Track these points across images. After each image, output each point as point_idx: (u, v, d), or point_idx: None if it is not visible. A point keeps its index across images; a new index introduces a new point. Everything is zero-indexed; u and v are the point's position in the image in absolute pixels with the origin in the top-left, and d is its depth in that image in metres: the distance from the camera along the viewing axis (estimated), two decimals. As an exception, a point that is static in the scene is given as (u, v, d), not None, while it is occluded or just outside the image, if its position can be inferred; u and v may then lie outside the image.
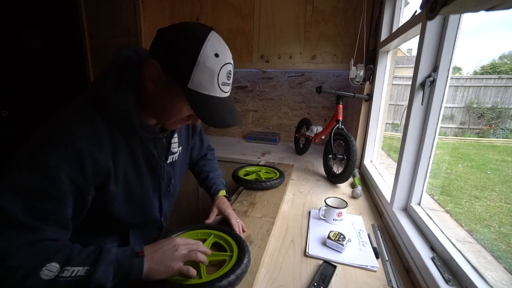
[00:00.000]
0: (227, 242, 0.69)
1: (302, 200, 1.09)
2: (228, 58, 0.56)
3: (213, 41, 0.53)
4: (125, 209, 0.66)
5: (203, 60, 0.51)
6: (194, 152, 0.97)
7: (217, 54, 0.53)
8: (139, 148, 0.64)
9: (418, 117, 0.81)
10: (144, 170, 0.67)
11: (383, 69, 1.31)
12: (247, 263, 0.59)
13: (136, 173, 0.65)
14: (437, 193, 1.78)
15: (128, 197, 0.65)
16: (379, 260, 0.72)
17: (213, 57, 0.52)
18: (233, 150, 1.86)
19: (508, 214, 1.43)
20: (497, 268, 1.01)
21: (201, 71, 0.52)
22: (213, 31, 0.55)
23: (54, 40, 2.36)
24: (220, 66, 0.53)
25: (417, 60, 0.79)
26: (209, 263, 0.62)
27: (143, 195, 0.69)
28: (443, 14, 0.30)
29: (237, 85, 2.17)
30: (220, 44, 0.55)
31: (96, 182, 0.56)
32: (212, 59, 0.52)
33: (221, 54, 0.54)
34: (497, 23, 1.36)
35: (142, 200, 0.70)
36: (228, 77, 0.57)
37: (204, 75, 0.53)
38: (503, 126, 2.01)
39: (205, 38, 0.52)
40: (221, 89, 0.56)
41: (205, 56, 0.51)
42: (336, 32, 1.57)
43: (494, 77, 2.08)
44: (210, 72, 0.53)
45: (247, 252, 0.63)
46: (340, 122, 1.30)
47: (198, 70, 0.52)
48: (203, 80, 0.53)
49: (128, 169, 0.63)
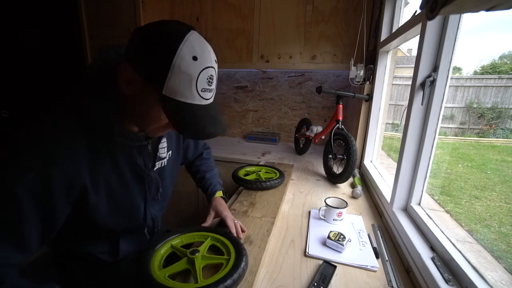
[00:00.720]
0: (225, 245, 0.68)
1: (302, 200, 1.09)
2: (208, 62, 0.50)
3: (191, 42, 0.47)
4: (111, 218, 0.63)
5: (178, 63, 0.46)
6: (189, 152, 0.95)
7: (195, 57, 0.47)
8: (123, 157, 0.60)
9: (418, 117, 0.81)
10: (129, 179, 0.63)
11: (383, 69, 1.31)
12: (244, 267, 0.58)
13: (121, 183, 0.62)
14: (437, 193, 1.78)
15: (113, 207, 0.62)
16: (379, 260, 0.72)
17: (191, 61, 0.47)
18: (233, 150, 1.86)
19: (508, 214, 1.43)
20: (497, 268, 1.01)
21: (177, 75, 0.47)
22: (193, 31, 0.50)
23: (54, 40, 2.36)
24: (198, 71, 0.48)
25: (417, 60, 0.79)
26: (206, 267, 0.62)
27: (130, 205, 0.66)
28: (443, 14, 0.30)
29: (237, 85, 2.17)
30: (200, 46, 0.49)
31: (70, 198, 0.52)
32: (189, 63, 0.47)
33: (200, 57, 0.48)
34: (497, 23, 1.36)
35: (129, 209, 0.67)
36: (209, 83, 0.51)
37: (181, 81, 0.47)
38: (503, 126, 2.01)
39: (181, 38, 0.47)
40: (200, 96, 0.50)
41: (181, 59, 0.46)
42: (336, 32, 1.57)
43: (494, 77, 2.07)
44: (187, 77, 0.47)
45: (244, 255, 0.61)
46: (340, 122, 1.30)
47: (174, 75, 0.46)
48: (179, 86, 0.47)
49: (112, 179, 0.59)
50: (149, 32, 0.49)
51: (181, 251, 0.66)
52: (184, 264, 0.61)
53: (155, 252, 0.65)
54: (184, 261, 0.62)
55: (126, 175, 0.62)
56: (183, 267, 0.61)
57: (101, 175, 0.56)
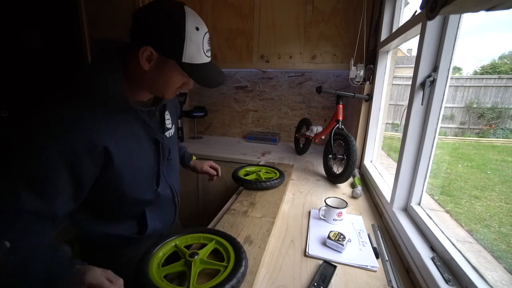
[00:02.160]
0: (227, 251, 0.65)
1: (302, 200, 1.09)
2: (204, 28, 0.64)
3: (191, 17, 0.60)
4: (133, 183, 0.70)
5: (189, 37, 0.60)
6: None
7: (197, 27, 0.61)
8: (137, 123, 0.70)
9: (418, 117, 0.81)
10: (145, 143, 0.72)
11: (383, 69, 1.31)
12: (239, 278, 0.56)
13: (138, 147, 0.70)
14: (437, 193, 1.78)
15: (133, 171, 0.69)
16: (379, 260, 0.72)
17: (195, 31, 0.61)
18: (233, 150, 1.86)
19: (508, 214, 1.43)
20: (497, 268, 1.01)
21: (189, 46, 0.61)
22: (185, 6, 0.61)
23: (54, 40, 2.36)
24: (202, 37, 0.62)
25: (417, 60, 0.79)
26: (202, 272, 0.61)
27: (148, 167, 0.74)
28: (443, 14, 0.30)
29: (237, 85, 2.17)
30: (196, 17, 0.62)
31: (96, 161, 0.60)
32: (195, 34, 0.61)
33: (200, 26, 0.62)
34: (497, 23, 1.36)
35: (148, 172, 0.75)
36: (209, 44, 0.66)
37: (193, 49, 0.61)
38: (503, 126, 2.01)
39: (183, 16, 0.59)
40: (206, 56, 0.65)
41: (189, 33, 0.60)
42: (336, 32, 1.57)
43: (494, 77, 2.07)
44: (197, 44, 0.62)
45: (242, 266, 0.59)
46: (340, 122, 1.30)
47: (187, 47, 0.60)
48: (193, 53, 0.62)
49: (130, 144, 0.67)
50: (152, 17, 0.59)
51: (183, 251, 0.65)
52: (181, 265, 0.61)
53: (157, 250, 0.65)
54: (181, 263, 0.61)
55: (142, 139, 0.71)
56: (180, 268, 0.60)
57: (120, 141, 0.65)
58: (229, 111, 2.26)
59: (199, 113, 2.12)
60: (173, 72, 0.64)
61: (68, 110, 0.57)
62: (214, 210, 1.00)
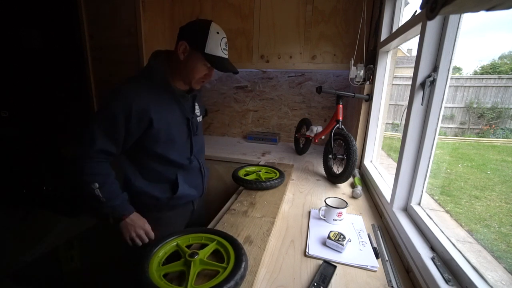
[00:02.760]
0: (227, 252, 0.65)
1: (302, 200, 1.09)
2: (223, 34, 0.90)
3: (214, 26, 0.88)
4: (168, 146, 0.94)
5: (211, 36, 0.86)
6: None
7: (218, 32, 0.88)
8: (175, 103, 0.94)
9: (418, 117, 0.81)
10: (179, 118, 0.96)
11: (383, 69, 1.31)
12: (237, 280, 0.55)
13: (173, 119, 0.93)
14: (437, 193, 1.78)
15: (168, 136, 0.93)
16: (379, 260, 0.72)
17: (216, 34, 0.87)
18: (233, 150, 1.86)
19: (508, 214, 1.43)
20: (497, 268, 1.01)
21: (211, 41, 0.86)
22: (212, 22, 0.89)
23: (54, 40, 2.36)
24: (220, 39, 0.88)
25: (417, 60, 0.79)
26: (201, 273, 0.61)
27: (180, 136, 0.97)
28: (443, 14, 0.30)
29: (237, 85, 2.17)
30: (218, 27, 0.89)
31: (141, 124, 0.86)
32: (215, 35, 0.87)
33: (220, 32, 0.89)
34: (497, 23, 1.35)
35: (179, 140, 0.97)
36: (226, 45, 0.91)
37: (213, 44, 0.87)
38: (503, 126, 2.01)
39: (209, 25, 0.87)
40: (223, 52, 0.90)
41: (211, 34, 0.86)
42: (336, 32, 1.57)
43: (494, 77, 2.07)
44: (216, 41, 0.87)
45: (241, 268, 0.58)
46: (340, 122, 1.30)
47: (209, 42, 0.86)
48: (212, 47, 0.87)
49: (168, 116, 0.91)
50: (192, 25, 0.89)
51: (184, 250, 0.65)
52: (181, 265, 0.61)
53: (159, 249, 0.65)
54: (181, 262, 0.61)
55: (177, 114, 0.95)
56: (179, 268, 0.60)
57: (161, 113, 0.89)
58: (229, 111, 2.26)
59: (199, 113, 2.12)
60: (198, 61, 0.88)
61: (131, 86, 0.86)
62: (214, 210, 1.00)
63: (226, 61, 0.92)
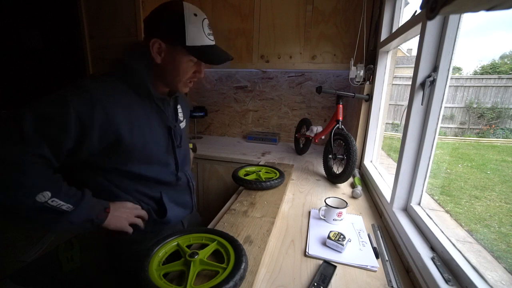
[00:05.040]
0: (227, 252, 0.65)
1: (302, 200, 1.09)
2: (202, 14, 0.71)
3: (188, 6, 0.68)
4: (145, 164, 0.76)
5: (188, 22, 0.67)
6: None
7: (195, 14, 0.68)
8: (152, 111, 0.76)
9: (418, 117, 0.81)
10: (158, 128, 0.77)
11: (383, 69, 1.31)
12: (236, 281, 0.55)
13: (151, 129, 0.75)
14: (437, 193, 1.78)
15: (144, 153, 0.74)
16: (379, 260, 0.72)
17: (194, 17, 0.68)
18: (233, 150, 1.86)
19: (508, 214, 1.43)
20: (497, 268, 1.01)
21: (190, 30, 0.67)
22: (184, 2, 0.69)
23: (54, 40, 2.36)
24: (201, 22, 0.69)
25: (417, 60, 0.79)
26: (201, 273, 0.61)
27: (159, 149, 0.78)
28: (443, 14, 0.30)
29: (237, 85, 2.17)
30: (193, 6, 0.70)
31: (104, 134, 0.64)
32: (193, 19, 0.68)
33: (197, 13, 0.69)
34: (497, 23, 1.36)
35: (160, 154, 0.79)
36: (209, 28, 0.72)
37: (194, 32, 0.68)
38: (503, 126, 2.01)
39: (182, 8, 0.67)
40: (209, 39, 0.71)
41: (188, 19, 0.67)
42: (336, 32, 1.57)
43: (494, 77, 2.07)
44: (196, 28, 0.68)
45: (241, 269, 0.58)
46: (340, 122, 1.30)
47: (188, 30, 0.67)
48: (195, 35, 0.68)
49: (144, 126, 0.72)
50: (157, 13, 0.69)
51: (184, 250, 0.65)
52: (181, 265, 0.61)
53: (160, 248, 0.65)
54: (181, 262, 0.61)
55: (155, 123, 0.77)
56: (179, 268, 0.60)
57: (135, 121, 0.70)
58: (229, 111, 2.26)
59: (199, 113, 2.12)
60: (181, 58, 0.70)
61: (102, 86, 0.66)
62: (214, 210, 0.99)
63: (215, 48, 0.73)
